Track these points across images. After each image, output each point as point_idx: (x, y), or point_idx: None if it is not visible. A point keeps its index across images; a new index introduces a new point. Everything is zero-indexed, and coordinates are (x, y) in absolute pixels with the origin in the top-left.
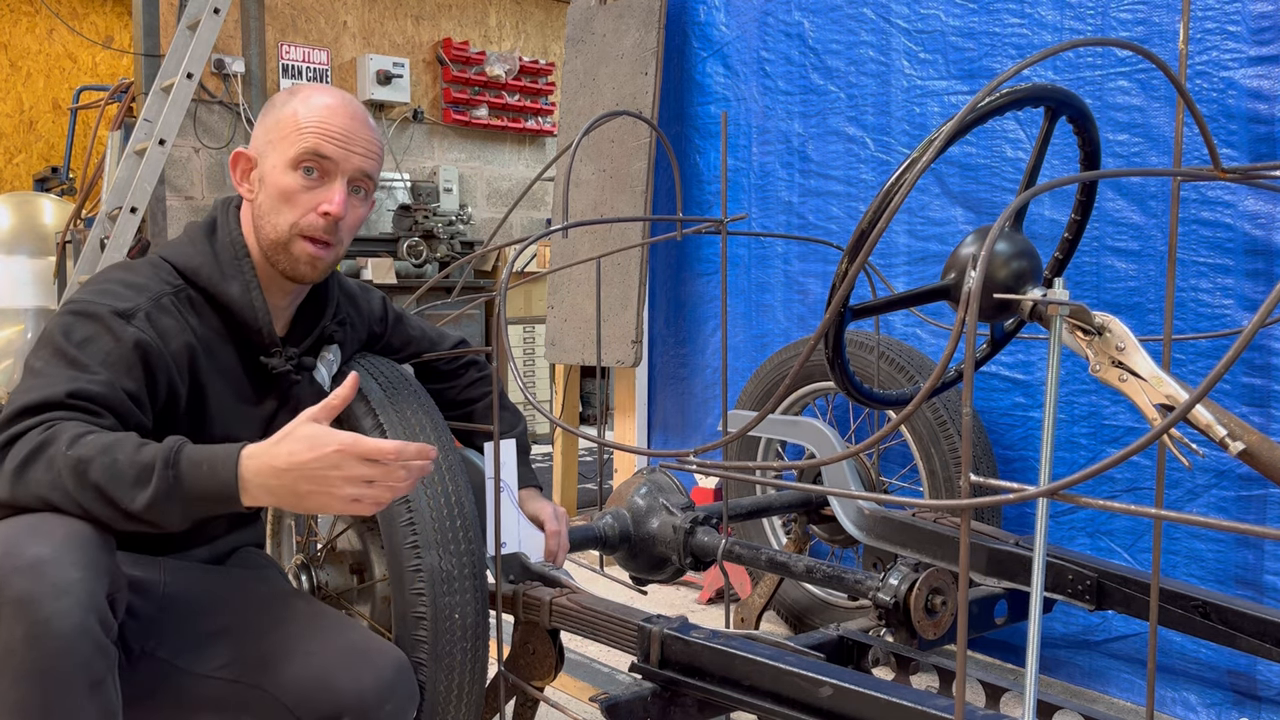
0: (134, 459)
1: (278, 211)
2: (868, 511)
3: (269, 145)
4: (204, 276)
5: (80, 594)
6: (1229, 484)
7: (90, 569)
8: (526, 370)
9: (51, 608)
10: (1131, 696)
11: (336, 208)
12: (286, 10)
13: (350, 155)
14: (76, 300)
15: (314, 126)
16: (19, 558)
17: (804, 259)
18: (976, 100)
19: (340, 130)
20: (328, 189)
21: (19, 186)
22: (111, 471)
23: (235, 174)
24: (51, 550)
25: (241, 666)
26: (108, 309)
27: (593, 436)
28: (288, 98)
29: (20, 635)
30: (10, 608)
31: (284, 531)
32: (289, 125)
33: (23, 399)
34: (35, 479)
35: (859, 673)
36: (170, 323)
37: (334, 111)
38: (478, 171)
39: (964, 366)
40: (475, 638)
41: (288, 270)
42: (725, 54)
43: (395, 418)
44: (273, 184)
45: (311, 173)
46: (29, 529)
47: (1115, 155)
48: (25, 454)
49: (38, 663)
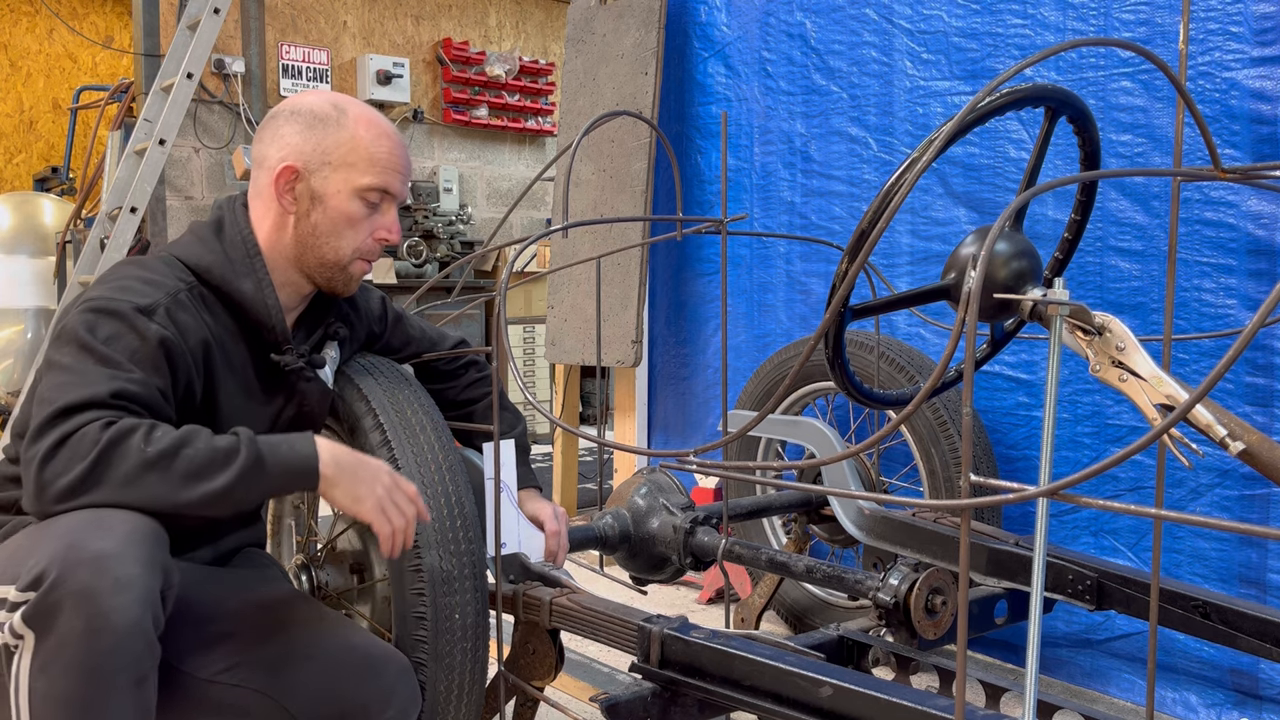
0: (212, 446)
1: (340, 235)
2: (868, 511)
3: (328, 166)
4: (216, 274)
5: (139, 590)
6: (1232, 483)
7: (149, 565)
8: (526, 370)
9: (111, 602)
10: (1132, 696)
11: (397, 236)
12: (286, 10)
13: (404, 188)
14: (96, 297)
15: (385, 160)
16: (83, 551)
17: (806, 259)
18: (976, 100)
19: (403, 165)
20: (384, 215)
21: (19, 186)
22: (194, 460)
23: (277, 184)
24: (115, 545)
25: (245, 671)
26: (130, 305)
27: (593, 436)
28: (339, 116)
29: (79, 629)
30: (72, 600)
31: (284, 532)
32: (357, 153)
33: (64, 397)
34: (112, 476)
35: (859, 673)
36: (188, 319)
37: (394, 143)
38: (478, 171)
39: (964, 366)
40: (475, 638)
41: (338, 287)
42: (726, 54)
43: (395, 418)
44: (337, 208)
45: (375, 203)
46: (93, 524)
47: (1118, 155)
48: (96, 453)
49: (91, 657)
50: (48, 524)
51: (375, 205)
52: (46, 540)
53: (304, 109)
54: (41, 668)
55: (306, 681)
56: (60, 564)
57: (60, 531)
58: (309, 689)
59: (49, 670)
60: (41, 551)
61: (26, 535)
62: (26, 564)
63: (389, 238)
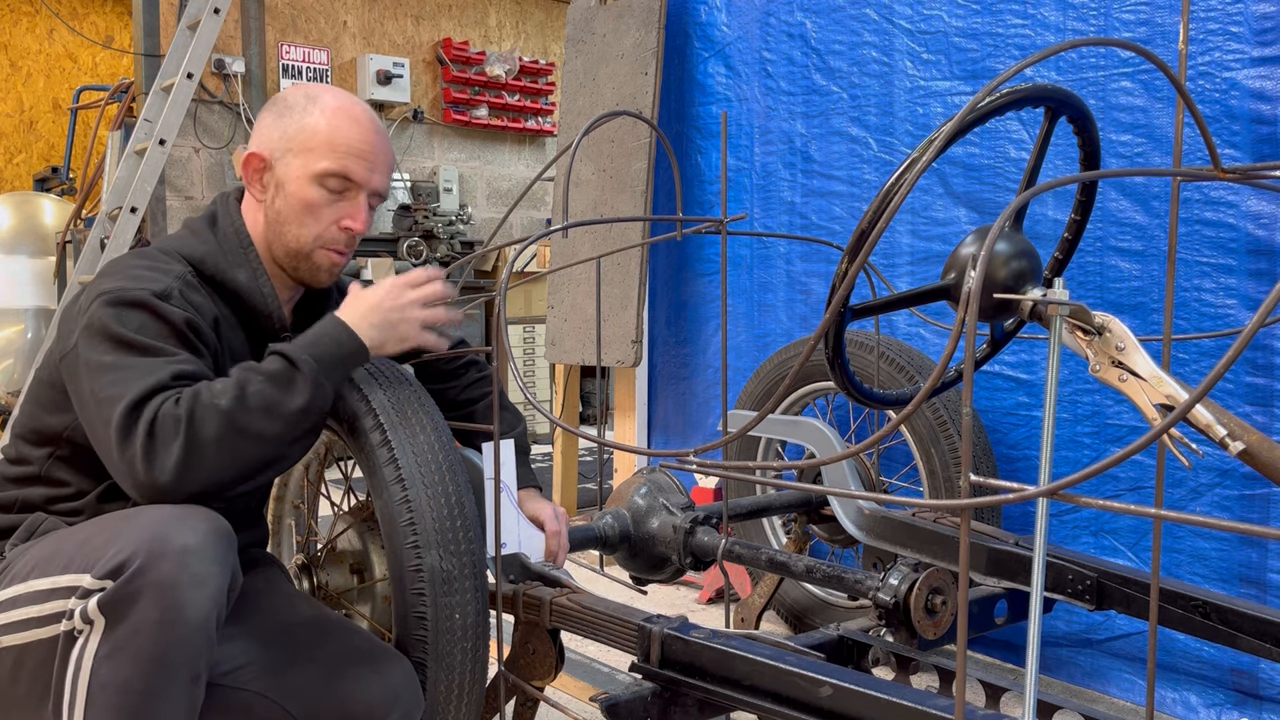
0: (267, 373)
1: (300, 223)
2: (868, 511)
3: (289, 152)
4: (210, 264)
5: (213, 587)
6: (1232, 483)
7: (224, 564)
8: (526, 370)
9: (188, 596)
10: (1132, 696)
11: (362, 226)
12: (286, 10)
13: (372, 175)
14: (112, 289)
15: (343, 145)
16: (168, 543)
17: (806, 259)
18: (976, 100)
19: (367, 150)
20: (350, 204)
21: (19, 186)
22: (262, 393)
23: (246, 172)
24: (197, 541)
25: (247, 674)
26: (148, 292)
27: (593, 436)
28: (307, 103)
29: (154, 619)
30: (152, 590)
31: (284, 532)
32: (315, 138)
33: (128, 392)
34: (207, 441)
35: (859, 673)
36: (200, 299)
37: (362, 129)
38: (478, 171)
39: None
40: (475, 638)
41: (306, 277)
42: (727, 54)
43: (396, 418)
44: (295, 194)
45: (337, 190)
46: (177, 518)
47: (1118, 155)
48: (184, 429)
49: (159, 648)
50: (127, 515)
51: (338, 192)
52: (130, 531)
53: (280, 99)
54: (109, 654)
55: (310, 685)
56: (145, 554)
57: (145, 523)
58: (312, 692)
59: (115, 657)
60: (124, 541)
61: (99, 526)
62: (106, 553)
63: (352, 226)
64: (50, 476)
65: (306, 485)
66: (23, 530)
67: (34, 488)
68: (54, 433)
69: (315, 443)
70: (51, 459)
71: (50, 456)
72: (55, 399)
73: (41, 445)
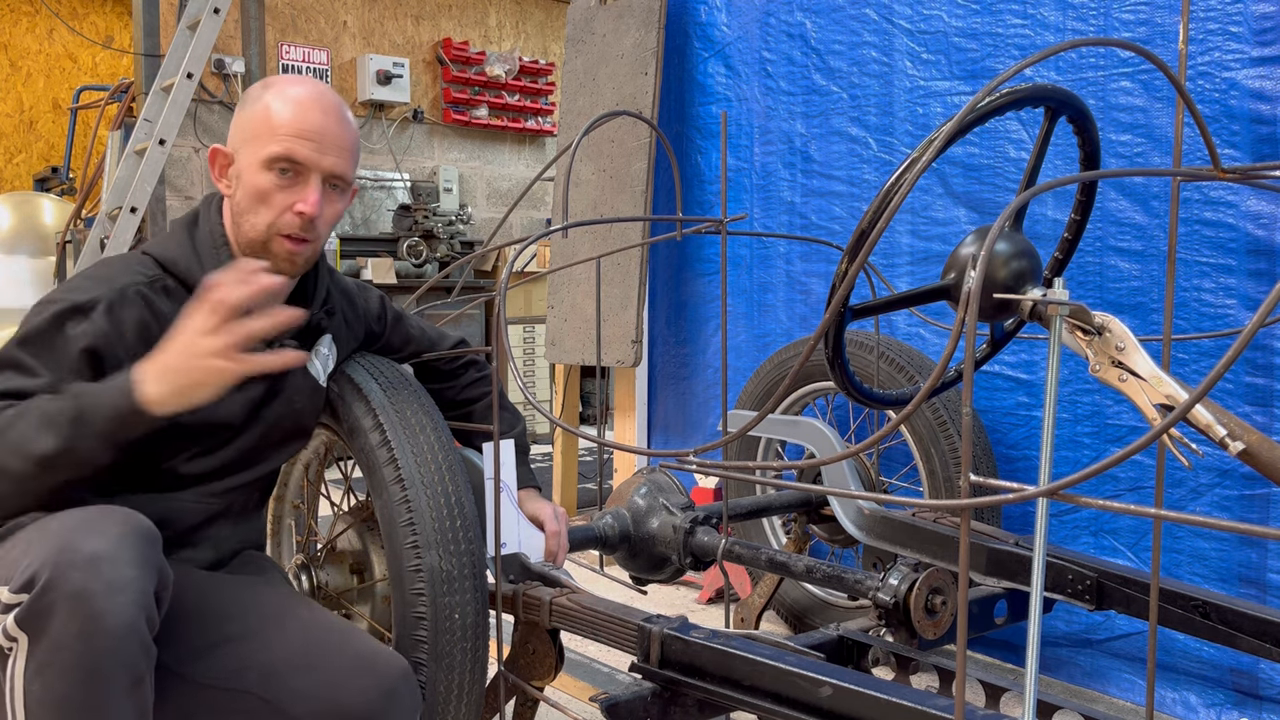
0: (43, 410)
1: (255, 211)
2: (868, 511)
3: (244, 143)
4: (181, 267)
5: (133, 592)
6: (1232, 483)
7: (143, 566)
8: (526, 370)
9: (105, 604)
10: (1132, 696)
11: (311, 208)
12: (286, 10)
13: (323, 157)
14: (47, 295)
15: (286, 127)
16: (76, 552)
17: (806, 259)
18: (976, 100)
19: (313, 131)
20: (303, 188)
21: (19, 186)
22: (20, 429)
23: (214, 169)
24: (108, 546)
25: (245, 675)
26: (67, 304)
27: (593, 436)
28: (261, 91)
29: (74, 631)
30: (66, 603)
31: (284, 532)
32: (262, 124)
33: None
34: None
35: (859, 673)
36: (132, 313)
37: (306, 110)
38: (478, 171)
39: (964, 366)
40: (475, 638)
41: (268, 266)
42: (727, 54)
43: (395, 418)
44: (248, 183)
45: (286, 173)
46: (85, 524)
47: (1118, 155)
48: None
49: (86, 659)
50: (40, 525)
51: (289, 177)
52: (38, 542)
53: (245, 93)
54: (37, 671)
55: (308, 687)
56: (53, 566)
57: (53, 532)
58: (310, 694)
59: (44, 673)
60: (34, 553)
61: (21, 536)
62: (20, 565)
63: (303, 210)
64: None
65: (306, 485)
66: None
67: None
68: None
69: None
70: None
71: None
72: None
73: None
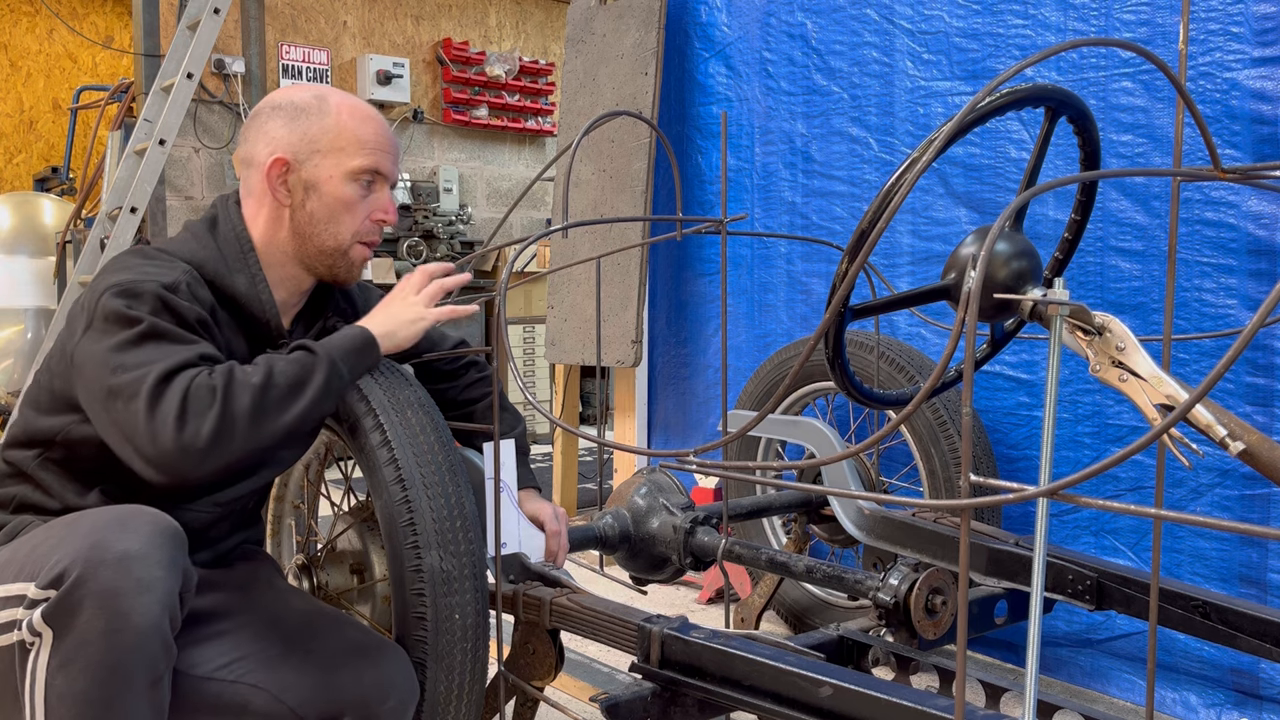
0: (287, 359)
1: (337, 220)
2: (868, 511)
3: (317, 154)
4: (210, 269)
5: (160, 592)
6: (1233, 483)
7: (170, 567)
8: (526, 370)
9: (133, 603)
10: (1132, 696)
11: (394, 216)
12: (286, 10)
13: (395, 169)
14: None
15: (372, 141)
16: (108, 550)
17: (807, 259)
18: (976, 100)
19: (391, 145)
20: (379, 198)
21: (19, 186)
22: (287, 374)
23: (269, 178)
24: (139, 545)
25: (242, 667)
26: (157, 284)
27: (593, 436)
28: (321, 104)
29: (100, 628)
30: (94, 600)
31: (284, 532)
32: (345, 138)
33: (156, 366)
34: (240, 413)
35: (859, 673)
36: (204, 294)
37: (380, 125)
38: (478, 171)
39: (964, 366)
40: (475, 638)
41: (342, 274)
42: (727, 54)
43: (395, 418)
44: (331, 194)
45: (368, 185)
46: (117, 522)
47: (1119, 156)
48: (220, 400)
49: (110, 656)
50: (70, 521)
51: (368, 187)
52: (69, 538)
53: (286, 103)
54: (60, 665)
55: (304, 676)
56: (84, 563)
57: (84, 530)
58: (307, 683)
59: (68, 668)
60: (64, 549)
61: (45, 532)
62: (48, 561)
63: (386, 218)
64: (36, 479)
65: (306, 485)
66: (5, 533)
67: (21, 486)
68: (47, 436)
69: (314, 442)
70: (40, 460)
71: (39, 458)
72: (54, 403)
73: (32, 447)
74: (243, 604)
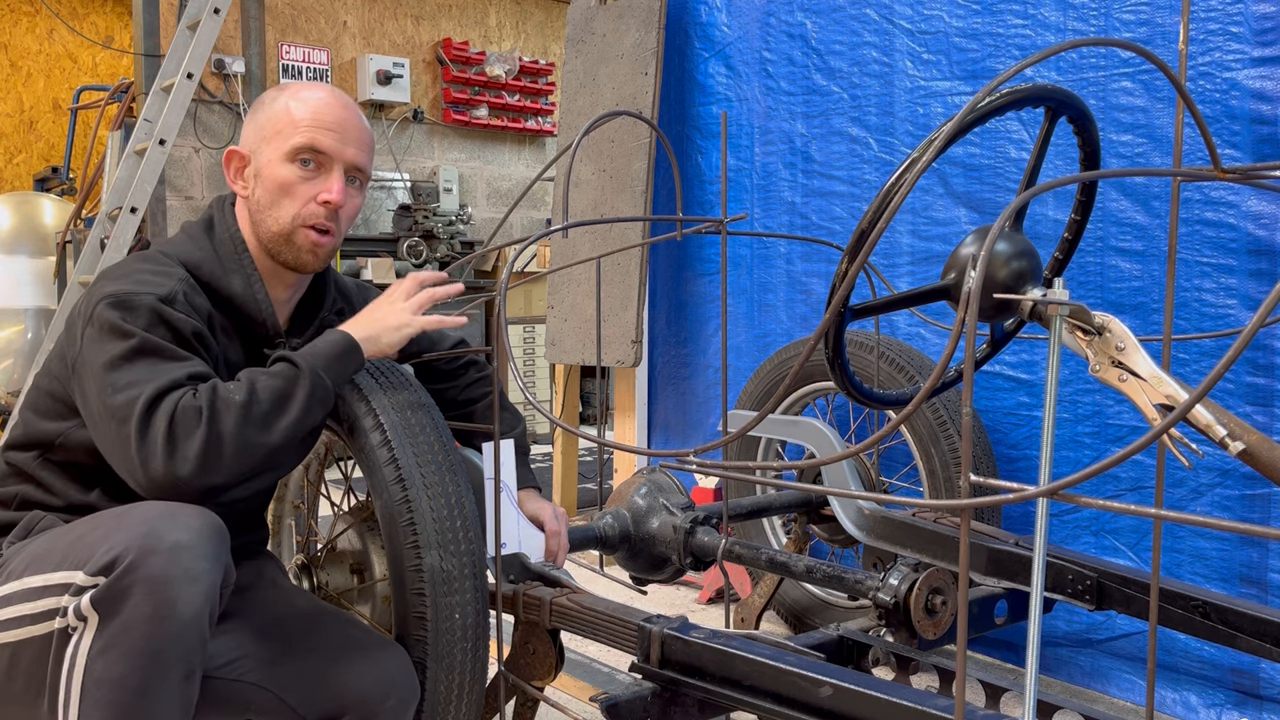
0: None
1: (277, 205)
2: (868, 511)
3: (262, 141)
4: (206, 271)
5: (205, 584)
6: (1233, 483)
7: (216, 560)
8: (526, 370)
9: (180, 592)
10: (1132, 696)
11: (336, 196)
12: (286, 10)
13: (345, 148)
14: (115, 293)
15: (309, 120)
16: (160, 540)
17: (807, 259)
18: (976, 100)
19: (335, 123)
20: (325, 179)
21: (19, 186)
22: (269, 387)
23: (229, 172)
24: (190, 537)
25: (243, 665)
26: (153, 297)
27: (593, 436)
28: (277, 94)
29: (146, 614)
30: (144, 585)
31: (284, 532)
32: (283, 120)
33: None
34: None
35: (859, 673)
36: (201, 302)
37: (328, 105)
38: (478, 171)
39: (964, 366)
40: (475, 638)
41: (291, 260)
42: (727, 54)
43: (395, 418)
44: (270, 178)
45: (308, 165)
46: (170, 514)
47: (1119, 156)
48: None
49: (152, 643)
50: (119, 513)
51: (311, 169)
52: (121, 529)
53: (259, 100)
54: (102, 650)
55: (306, 674)
56: (137, 550)
57: (138, 519)
58: (308, 681)
59: (109, 653)
60: (116, 538)
61: (92, 523)
62: (99, 549)
63: (329, 199)
64: (37, 478)
65: (306, 485)
66: (20, 528)
67: (23, 485)
68: (47, 439)
69: (315, 444)
70: (40, 461)
71: (40, 459)
72: (54, 407)
73: (32, 449)
74: (245, 603)
